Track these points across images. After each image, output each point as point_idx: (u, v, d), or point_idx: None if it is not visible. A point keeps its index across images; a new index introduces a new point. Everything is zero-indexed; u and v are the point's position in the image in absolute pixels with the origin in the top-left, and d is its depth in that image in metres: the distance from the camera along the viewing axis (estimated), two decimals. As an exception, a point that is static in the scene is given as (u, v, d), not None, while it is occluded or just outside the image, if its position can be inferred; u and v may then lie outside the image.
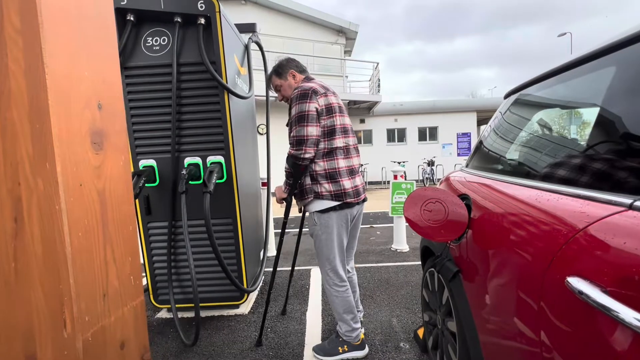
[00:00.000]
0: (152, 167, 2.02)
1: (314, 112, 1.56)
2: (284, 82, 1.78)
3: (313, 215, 1.67)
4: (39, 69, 0.55)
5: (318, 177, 1.62)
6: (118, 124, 0.74)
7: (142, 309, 0.80)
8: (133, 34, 1.93)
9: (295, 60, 1.82)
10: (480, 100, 16.82)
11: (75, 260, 0.59)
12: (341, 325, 1.75)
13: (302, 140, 1.54)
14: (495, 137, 1.37)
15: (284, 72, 1.77)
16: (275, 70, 1.80)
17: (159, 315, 2.34)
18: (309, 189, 1.64)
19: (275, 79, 1.80)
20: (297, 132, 1.55)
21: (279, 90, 1.81)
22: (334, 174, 1.62)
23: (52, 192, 0.56)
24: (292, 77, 1.77)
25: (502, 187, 1.02)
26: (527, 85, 1.20)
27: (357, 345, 1.76)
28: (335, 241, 1.67)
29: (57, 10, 0.58)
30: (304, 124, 1.55)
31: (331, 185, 1.62)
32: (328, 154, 1.62)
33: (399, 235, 3.73)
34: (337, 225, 1.66)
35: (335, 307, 1.73)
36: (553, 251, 0.67)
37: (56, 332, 0.58)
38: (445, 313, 1.33)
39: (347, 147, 1.67)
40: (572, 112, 1.09)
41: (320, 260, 1.73)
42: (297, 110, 1.57)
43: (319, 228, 1.66)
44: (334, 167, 1.62)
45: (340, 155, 1.64)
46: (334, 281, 1.71)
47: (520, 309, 0.76)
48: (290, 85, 1.77)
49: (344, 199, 1.62)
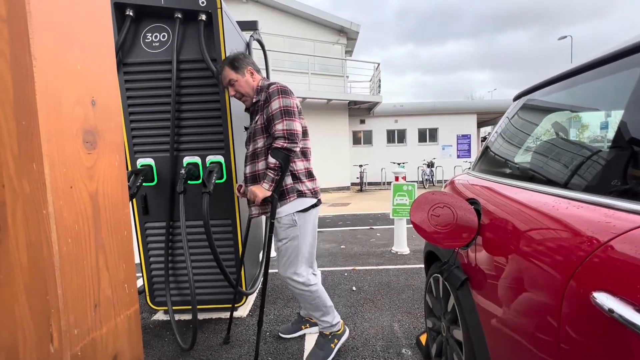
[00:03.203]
0: (150, 166, 1.98)
1: (296, 109, 1.56)
2: (240, 77, 1.64)
3: (292, 216, 1.60)
4: (26, 61, 0.51)
5: (300, 175, 1.62)
6: (113, 121, 0.70)
7: (137, 318, 0.75)
8: (132, 29, 1.88)
9: (251, 57, 1.74)
10: (480, 102, 16.79)
11: (64, 269, 0.54)
12: (327, 318, 1.72)
13: (294, 134, 1.50)
14: (506, 140, 1.33)
15: (240, 66, 1.64)
16: (230, 62, 1.64)
17: (155, 317, 2.29)
18: (290, 188, 1.60)
19: (230, 72, 1.63)
20: (288, 126, 1.49)
21: (232, 85, 1.65)
22: (311, 172, 1.69)
23: (39, 195, 0.52)
24: (250, 75, 1.67)
25: (514, 193, 0.98)
26: (540, 87, 1.16)
27: (342, 332, 1.79)
28: (312, 239, 1.69)
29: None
30: (293, 119, 1.51)
31: (311, 183, 1.67)
32: (304, 154, 1.67)
33: (400, 238, 3.69)
34: (314, 222, 1.69)
35: (318, 306, 1.70)
36: (575, 263, 0.63)
37: (42, 347, 0.53)
38: (450, 320, 1.29)
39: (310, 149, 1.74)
40: (594, 115, 1.05)
41: (293, 264, 1.64)
42: (283, 103, 1.52)
43: (298, 228, 1.62)
44: (310, 166, 1.70)
45: (310, 156, 1.72)
46: (310, 281, 1.67)
47: (536, 321, 0.72)
48: (248, 83, 1.65)
49: (318, 196, 1.70)
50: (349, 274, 3.04)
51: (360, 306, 2.37)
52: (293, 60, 10.82)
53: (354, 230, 5.02)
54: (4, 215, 0.51)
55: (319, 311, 1.71)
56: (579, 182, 0.82)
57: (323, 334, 1.75)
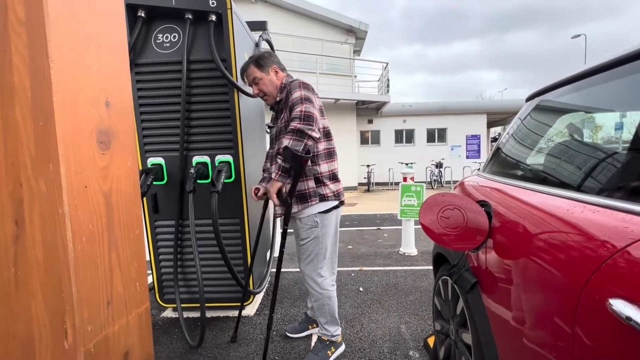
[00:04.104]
0: (160, 165, 2.00)
1: (317, 104, 1.52)
2: (265, 75, 1.63)
3: (313, 217, 1.60)
4: (44, 63, 0.52)
5: (323, 179, 1.61)
6: (126, 122, 0.71)
7: (147, 316, 0.77)
8: (143, 30, 1.91)
9: (277, 56, 1.73)
10: (490, 102, 16.55)
11: (78, 267, 0.55)
12: (329, 327, 1.73)
13: (311, 117, 1.39)
14: (518, 142, 1.31)
15: (266, 65, 1.64)
16: (255, 60, 1.64)
17: (164, 315, 2.32)
18: (313, 192, 1.59)
19: (255, 70, 1.64)
20: (306, 109, 1.40)
21: (256, 83, 1.65)
22: (335, 174, 1.67)
23: (55, 194, 0.53)
24: (275, 73, 1.66)
25: (527, 195, 0.96)
26: (554, 87, 1.14)
27: (340, 342, 1.79)
28: (334, 239, 1.69)
29: (64, 1, 0.54)
30: (313, 105, 1.44)
31: (334, 185, 1.65)
32: (329, 155, 1.64)
33: (408, 239, 3.67)
34: (336, 223, 1.68)
35: (330, 310, 1.70)
36: (590, 269, 0.61)
37: (57, 342, 0.55)
38: (459, 324, 1.27)
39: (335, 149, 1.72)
40: (609, 116, 1.02)
41: (313, 263, 1.65)
42: (303, 94, 1.47)
43: (319, 229, 1.62)
44: (334, 168, 1.67)
45: (336, 157, 1.69)
46: (329, 282, 1.69)
47: (549, 327, 0.71)
48: (272, 81, 1.64)
49: (341, 197, 1.68)
50: (356, 275, 3.04)
51: (367, 307, 2.36)
52: (301, 60, 10.83)
53: (361, 231, 5.01)
54: (22, 213, 0.53)
55: (324, 317, 1.71)
56: (594, 185, 0.80)
57: (321, 339, 1.75)
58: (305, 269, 1.68)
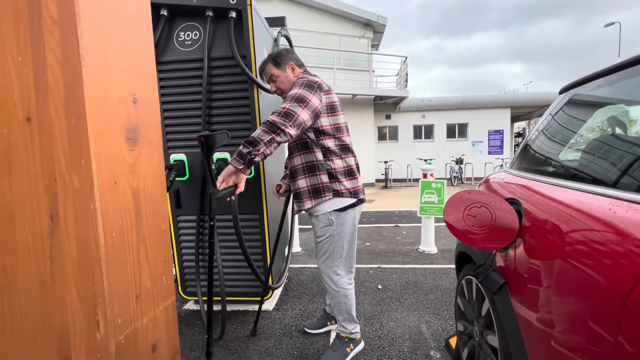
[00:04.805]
0: (183, 161, 2.04)
1: (314, 104, 1.47)
2: (282, 73, 1.64)
3: (328, 215, 1.59)
4: (75, 61, 0.53)
5: (338, 174, 1.59)
6: (153, 118, 0.71)
7: (174, 310, 0.78)
8: (166, 28, 1.94)
9: (295, 53, 1.72)
10: (514, 95, 15.92)
11: (109, 262, 0.57)
12: (347, 325, 1.72)
13: (292, 115, 1.36)
14: (551, 136, 1.24)
15: (283, 62, 1.64)
16: (273, 58, 1.65)
17: (186, 307, 2.39)
18: (326, 187, 1.57)
19: (272, 68, 1.65)
20: (291, 107, 1.38)
21: (274, 81, 1.67)
22: (352, 170, 1.64)
23: (87, 190, 0.54)
24: (292, 70, 1.65)
25: (563, 193, 0.91)
26: (590, 79, 1.07)
27: (359, 339, 1.78)
28: (351, 238, 1.66)
29: (94, 0, 0.55)
30: (302, 106, 1.41)
31: (350, 182, 1.61)
32: (343, 151, 1.62)
33: (427, 236, 3.60)
34: (353, 222, 1.65)
35: (347, 308, 1.69)
36: (638, 273, 0.57)
37: (90, 334, 0.56)
38: (484, 325, 1.23)
39: (351, 145, 1.68)
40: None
41: (329, 261, 1.65)
42: (300, 92, 1.45)
43: (335, 228, 1.61)
44: (350, 164, 1.64)
45: (352, 153, 1.66)
46: (345, 280, 1.68)
47: (587, 332, 0.67)
48: (289, 78, 1.65)
49: (359, 195, 1.64)
50: (374, 272, 3.01)
51: (386, 305, 2.33)
52: (318, 55, 10.78)
53: (379, 228, 4.96)
54: (56, 207, 0.54)
55: (342, 315, 1.71)
56: (637, 183, 0.75)
57: (339, 336, 1.74)
58: (322, 266, 1.68)
